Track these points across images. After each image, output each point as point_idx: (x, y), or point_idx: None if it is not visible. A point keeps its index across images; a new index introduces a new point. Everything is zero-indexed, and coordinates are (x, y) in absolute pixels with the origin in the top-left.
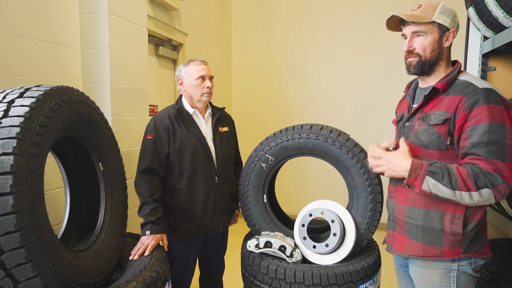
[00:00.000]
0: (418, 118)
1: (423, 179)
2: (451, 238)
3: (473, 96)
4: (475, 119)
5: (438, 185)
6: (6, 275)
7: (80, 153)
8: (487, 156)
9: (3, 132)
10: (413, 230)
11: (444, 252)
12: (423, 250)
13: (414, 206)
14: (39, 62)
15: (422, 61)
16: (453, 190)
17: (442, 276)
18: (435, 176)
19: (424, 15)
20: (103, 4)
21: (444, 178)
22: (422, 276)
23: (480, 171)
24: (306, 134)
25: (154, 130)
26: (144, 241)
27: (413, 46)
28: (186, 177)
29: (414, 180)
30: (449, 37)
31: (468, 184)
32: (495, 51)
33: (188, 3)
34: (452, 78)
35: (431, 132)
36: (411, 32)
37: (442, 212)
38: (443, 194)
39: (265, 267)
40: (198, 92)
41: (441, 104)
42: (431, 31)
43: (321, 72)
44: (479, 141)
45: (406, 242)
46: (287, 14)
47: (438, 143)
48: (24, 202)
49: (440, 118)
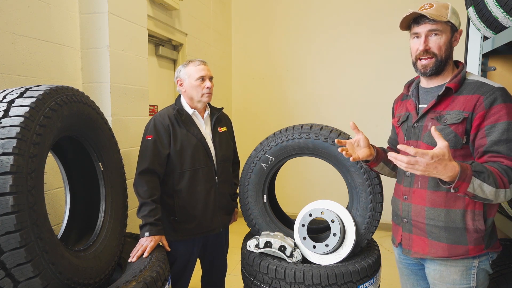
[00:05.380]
0: (431, 118)
1: (469, 181)
2: (475, 235)
3: (491, 95)
4: (493, 117)
5: (483, 185)
6: (6, 275)
7: (80, 153)
8: (508, 154)
9: (3, 132)
10: (435, 231)
11: (469, 250)
12: (448, 251)
13: (434, 207)
14: (39, 62)
15: (439, 61)
16: (496, 189)
17: (463, 274)
18: (480, 175)
19: (440, 14)
20: (103, 4)
21: (490, 177)
22: (441, 274)
23: (508, 168)
24: (306, 134)
25: (154, 131)
26: (143, 243)
27: (428, 45)
28: (187, 177)
29: (462, 183)
30: (457, 38)
31: (504, 181)
32: (495, 51)
33: (188, 3)
34: (462, 77)
35: (447, 131)
36: (426, 31)
37: (463, 210)
38: (485, 194)
39: (265, 267)
40: (198, 92)
41: (455, 103)
42: (445, 30)
43: (321, 72)
44: (500, 138)
45: (428, 244)
46: (287, 14)
47: (454, 143)
48: (24, 202)
49: (458, 117)
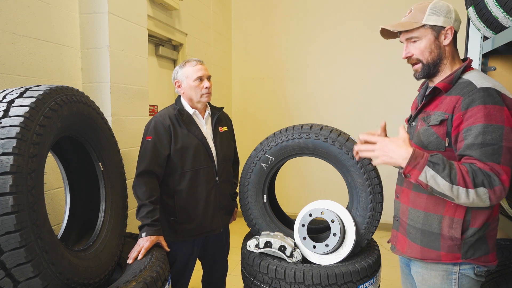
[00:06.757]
0: (420, 118)
1: (422, 169)
2: (449, 242)
3: (469, 96)
4: (470, 120)
5: (436, 177)
6: (6, 275)
7: (80, 153)
8: (481, 158)
9: (3, 132)
10: (412, 232)
11: (441, 256)
12: (421, 253)
13: (414, 208)
14: (39, 62)
15: (425, 65)
16: (451, 184)
17: (443, 278)
18: (435, 167)
19: (413, 21)
20: (103, 4)
21: (445, 170)
22: (423, 277)
23: (478, 169)
24: (306, 134)
25: (154, 132)
26: (140, 243)
27: (410, 52)
28: (188, 178)
29: (413, 169)
30: (447, 35)
31: (466, 180)
32: (495, 51)
33: (188, 3)
34: (456, 77)
35: (430, 132)
36: (405, 39)
37: (441, 216)
38: (440, 187)
39: (265, 267)
40: (197, 93)
41: (442, 104)
42: (424, 34)
43: (321, 72)
44: (473, 142)
45: (406, 243)
46: (287, 14)
47: (436, 144)
48: (24, 202)
49: (438, 118)
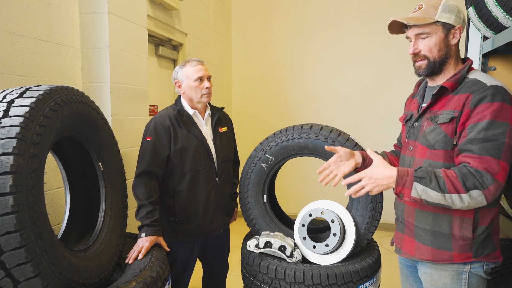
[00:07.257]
0: (426, 118)
1: (411, 186)
2: (461, 242)
3: (480, 93)
4: (477, 116)
5: (427, 190)
6: (6, 275)
7: (80, 153)
8: (479, 153)
9: (3, 132)
10: (422, 234)
11: (453, 256)
12: (432, 255)
13: (423, 210)
14: (39, 62)
15: (432, 62)
16: (443, 193)
17: (453, 278)
18: (422, 181)
19: (426, 16)
20: (103, 4)
21: (432, 182)
22: (432, 278)
23: (468, 172)
24: (306, 134)
25: (154, 132)
26: (139, 244)
27: (418, 48)
28: (188, 178)
29: (403, 188)
30: (456, 34)
31: (456, 186)
32: (495, 51)
33: (188, 3)
34: (462, 76)
35: (438, 131)
36: (414, 35)
37: (451, 216)
38: (434, 199)
39: (265, 267)
40: (197, 93)
41: (450, 103)
42: (435, 31)
43: (321, 72)
44: (475, 137)
45: (415, 246)
46: (287, 14)
47: (444, 143)
48: (24, 202)
49: (447, 116)
